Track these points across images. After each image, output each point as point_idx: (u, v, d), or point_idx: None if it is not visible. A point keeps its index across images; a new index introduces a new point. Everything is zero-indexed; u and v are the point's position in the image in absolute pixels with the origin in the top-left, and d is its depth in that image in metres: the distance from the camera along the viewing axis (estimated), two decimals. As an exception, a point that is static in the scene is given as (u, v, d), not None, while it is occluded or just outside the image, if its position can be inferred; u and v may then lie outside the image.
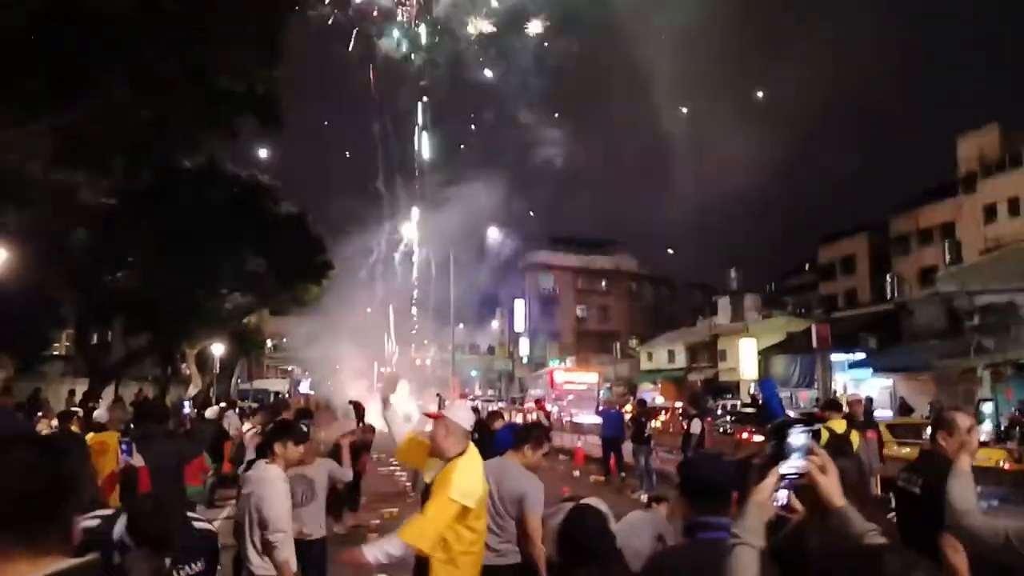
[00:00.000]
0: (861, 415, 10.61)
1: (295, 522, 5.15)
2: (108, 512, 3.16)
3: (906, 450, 12.73)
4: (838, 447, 8.47)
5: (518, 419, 23.32)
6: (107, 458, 6.82)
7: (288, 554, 4.66)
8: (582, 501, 2.58)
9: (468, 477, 4.06)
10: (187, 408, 20.15)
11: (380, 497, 13.81)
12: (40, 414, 17.42)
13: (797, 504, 3.72)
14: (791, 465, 2.38)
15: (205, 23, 13.01)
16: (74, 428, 10.20)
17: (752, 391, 20.99)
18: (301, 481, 5.74)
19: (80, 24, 12.53)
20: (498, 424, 10.66)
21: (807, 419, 2.59)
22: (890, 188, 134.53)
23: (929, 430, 4.50)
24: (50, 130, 14.96)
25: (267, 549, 4.68)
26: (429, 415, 4.43)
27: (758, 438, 15.65)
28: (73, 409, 13.51)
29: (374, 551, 3.87)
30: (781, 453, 2.40)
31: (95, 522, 2.99)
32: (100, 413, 11.07)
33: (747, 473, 2.61)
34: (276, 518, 4.68)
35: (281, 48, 14.92)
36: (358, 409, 11.75)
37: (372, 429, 11.74)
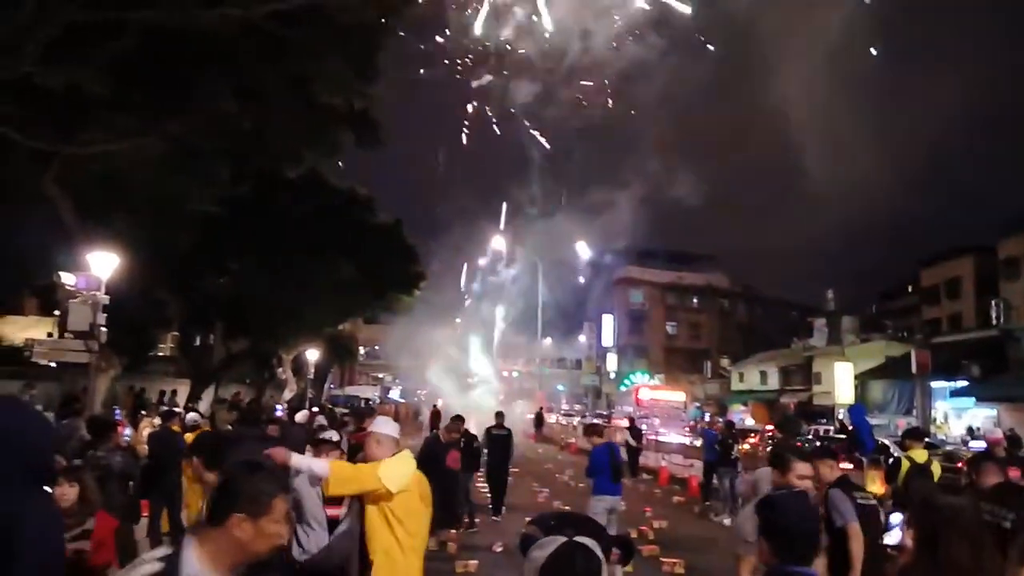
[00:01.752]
0: (1002, 451, 9.89)
1: None
2: None
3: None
4: (920, 478, 8.24)
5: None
6: None
7: None
8: (576, 538, 2.28)
9: (395, 467, 4.61)
10: (280, 411, 20.89)
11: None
12: (143, 412, 18.41)
13: (910, 544, 3.67)
14: None
15: (307, 40, 13.59)
16: (175, 427, 10.79)
17: (841, 417, 20.32)
18: None
19: (188, 39, 13.31)
20: (596, 440, 10.26)
21: None
22: (1002, 208, 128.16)
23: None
24: (160, 140, 15.82)
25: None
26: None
27: (846, 465, 15.17)
28: (175, 409, 14.21)
29: (300, 459, 4.58)
30: None
31: None
32: (193, 417, 11.62)
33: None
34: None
35: (379, 66, 15.40)
36: (434, 417, 12.14)
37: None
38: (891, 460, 9.15)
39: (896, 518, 3.29)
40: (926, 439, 10.05)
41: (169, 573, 2.08)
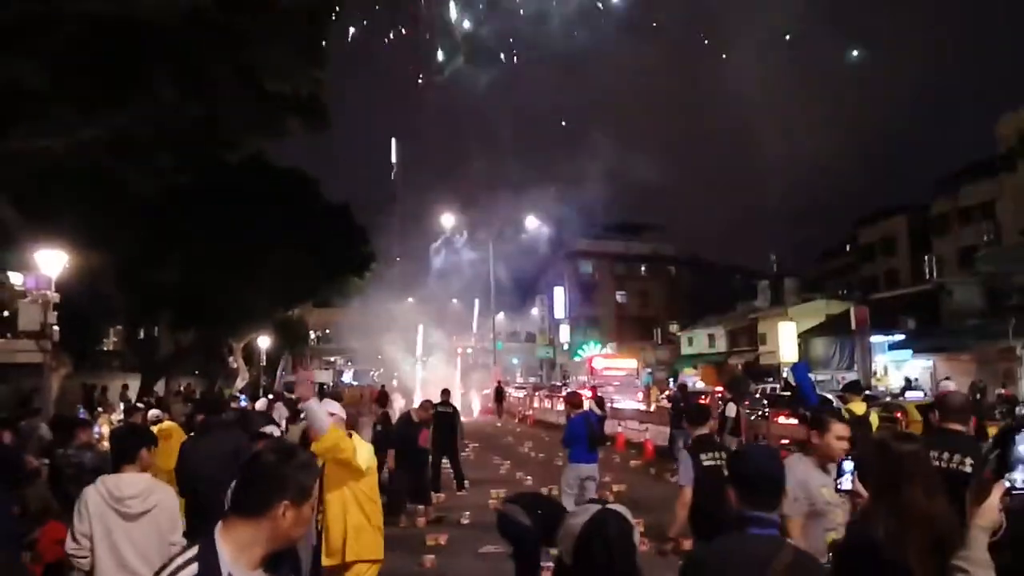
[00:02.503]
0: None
1: None
2: None
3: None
4: (860, 430, 8.75)
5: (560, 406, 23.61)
6: (172, 443, 7.81)
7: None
8: (609, 505, 2.45)
9: (364, 448, 5.04)
10: (244, 401, 20.84)
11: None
12: (100, 409, 18.26)
13: (861, 489, 3.87)
14: (1018, 478, 2.18)
15: (252, 29, 13.52)
16: (138, 422, 10.85)
17: (785, 375, 21.03)
18: None
19: (131, 30, 13.13)
20: (573, 410, 10.33)
21: None
22: (932, 168, 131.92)
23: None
24: (100, 131, 15.58)
25: None
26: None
27: (790, 421, 15.84)
28: (138, 404, 14.20)
29: (313, 404, 4.84)
30: (1006, 465, 2.22)
31: None
32: (155, 413, 11.67)
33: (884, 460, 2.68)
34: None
35: (325, 52, 15.38)
36: (381, 397, 12.48)
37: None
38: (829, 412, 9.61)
39: (848, 465, 3.54)
40: (865, 392, 10.57)
41: (208, 574, 2.04)
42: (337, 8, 15.82)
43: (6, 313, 18.83)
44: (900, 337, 31.97)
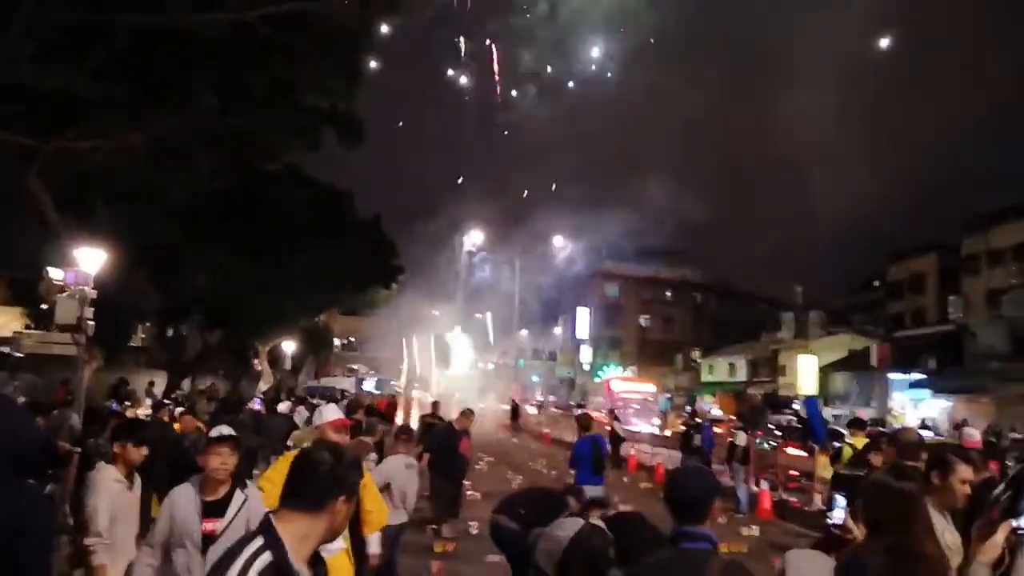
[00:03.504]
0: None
1: None
2: None
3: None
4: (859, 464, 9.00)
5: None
6: None
7: (101, 560, 4.55)
8: (591, 520, 2.60)
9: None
10: (258, 404, 21.26)
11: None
12: (128, 403, 18.80)
13: (852, 525, 3.87)
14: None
15: (294, 44, 14.05)
16: (164, 418, 11.31)
17: (796, 407, 21.07)
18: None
19: (177, 41, 13.72)
20: (582, 432, 10.61)
21: None
22: (967, 207, 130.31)
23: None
24: (143, 136, 16.17)
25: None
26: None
27: (799, 453, 16.01)
28: (165, 401, 14.66)
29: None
30: (1016, 507, 2.32)
31: None
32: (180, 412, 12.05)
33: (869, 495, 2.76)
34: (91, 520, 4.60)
35: (362, 69, 15.89)
36: (389, 408, 12.55)
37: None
38: (834, 447, 9.91)
39: (840, 500, 3.59)
40: (867, 427, 10.82)
41: (280, 563, 2.15)
42: (378, 28, 16.22)
43: (44, 307, 19.43)
44: (920, 376, 31.84)
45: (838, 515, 3.72)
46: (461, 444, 11.65)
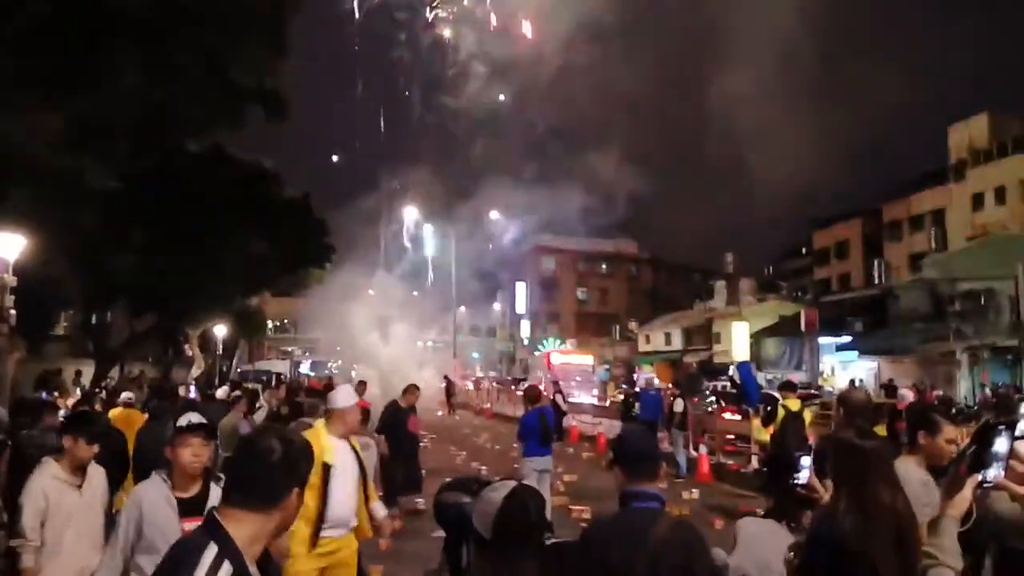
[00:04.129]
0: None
1: None
2: None
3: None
4: (793, 424, 9.33)
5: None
6: (132, 431, 7.86)
7: (28, 562, 4.28)
8: (521, 483, 2.55)
9: None
10: (193, 391, 20.78)
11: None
12: (56, 394, 18.15)
13: (818, 485, 3.91)
14: (992, 474, 2.29)
15: (218, 17, 13.61)
16: (96, 407, 10.94)
17: (731, 373, 21.57)
18: None
19: (98, 15, 13.15)
20: (529, 405, 10.52)
21: (1010, 421, 2.51)
22: (891, 175, 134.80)
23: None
24: (61, 115, 15.53)
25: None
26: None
27: (735, 417, 16.40)
28: (96, 389, 14.21)
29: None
30: (981, 461, 2.35)
31: None
32: (127, 396, 11.69)
33: (839, 454, 2.74)
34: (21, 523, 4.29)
35: (288, 44, 15.51)
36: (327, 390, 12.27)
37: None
38: (768, 409, 10.15)
39: (805, 460, 3.54)
40: (798, 390, 11.13)
41: (241, 572, 1.89)
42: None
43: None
44: (847, 339, 32.85)
45: (803, 475, 3.75)
46: (409, 421, 11.42)
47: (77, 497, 4.44)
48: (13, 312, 14.77)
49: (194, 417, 3.95)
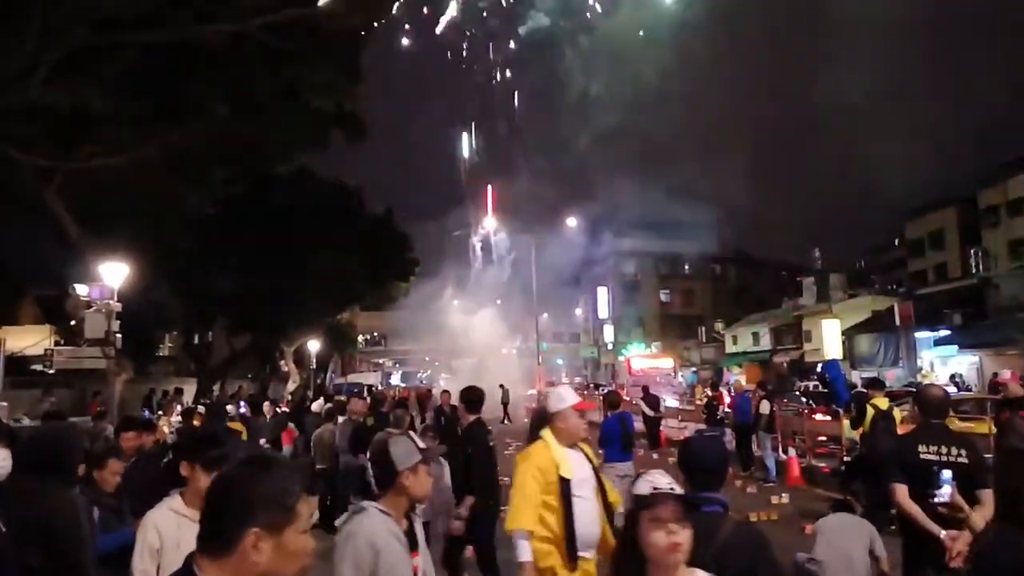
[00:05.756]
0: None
1: None
2: None
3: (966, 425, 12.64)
4: (884, 423, 9.13)
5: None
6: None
7: None
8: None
9: None
10: (243, 407, 21.42)
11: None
12: (160, 412, 19.16)
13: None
14: None
15: (297, 47, 14.25)
16: (195, 422, 11.56)
17: (818, 371, 21.00)
18: None
19: (184, 55, 13.97)
20: (610, 411, 10.57)
21: None
22: (982, 159, 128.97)
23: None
24: (158, 148, 16.47)
25: None
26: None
27: (825, 418, 16.05)
28: (194, 406, 14.97)
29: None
30: None
31: None
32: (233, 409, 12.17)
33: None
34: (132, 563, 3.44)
35: (363, 69, 16.09)
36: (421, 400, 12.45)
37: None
38: (856, 407, 9.98)
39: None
40: (885, 387, 10.88)
41: None
42: (376, 25, 16.39)
43: (73, 323, 19.88)
44: (946, 332, 31.62)
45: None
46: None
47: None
48: (119, 336, 15.67)
49: None
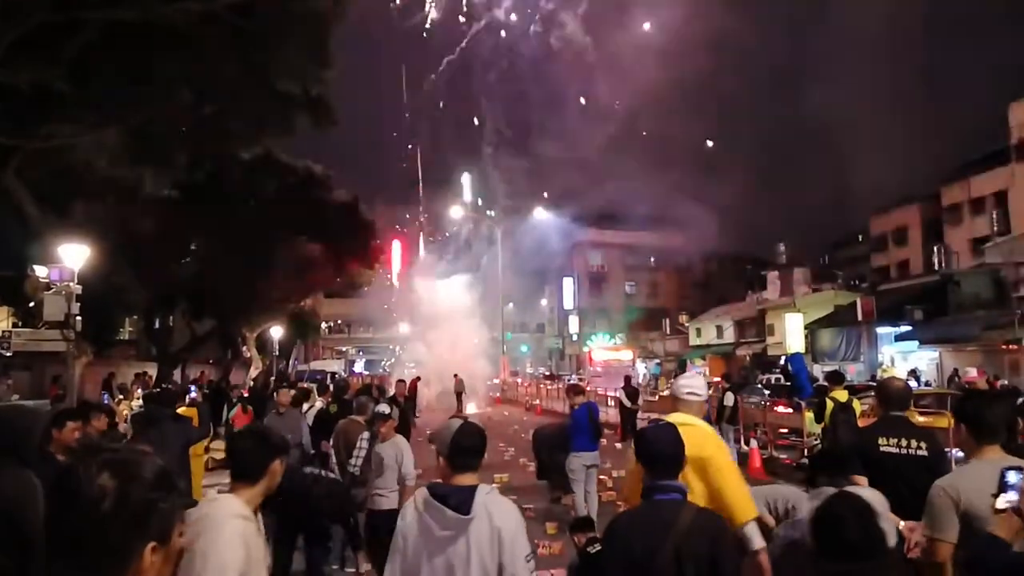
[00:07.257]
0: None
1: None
2: None
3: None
4: (844, 415, 9.26)
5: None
6: None
7: None
8: (847, 489, 2.69)
9: None
10: (193, 392, 21.17)
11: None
12: (121, 397, 18.88)
13: None
14: None
15: (264, 28, 14.01)
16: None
17: (782, 364, 21.26)
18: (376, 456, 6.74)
19: (147, 31, 13.67)
20: (577, 400, 10.52)
21: None
22: (945, 157, 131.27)
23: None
24: (121, 130, 16.15)
25: None
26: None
27: (787, 410, 16.25)
28: (156, 391, 14.73)
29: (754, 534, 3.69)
30: None
31: None
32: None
33: None
34: None
35: (331, 52, 15.87)
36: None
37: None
38: (816, 401, 10.12)
39: (1013, 476, 2.63)
40: (845, 381, 11.06)
41: None
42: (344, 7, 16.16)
43: (32, 304, 19.52)
44: (906, 328, 32.13)
45: (1012, 496, 2.63)
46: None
47: (263, 543, 2.91)
48: (79, 318, 15.37)
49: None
